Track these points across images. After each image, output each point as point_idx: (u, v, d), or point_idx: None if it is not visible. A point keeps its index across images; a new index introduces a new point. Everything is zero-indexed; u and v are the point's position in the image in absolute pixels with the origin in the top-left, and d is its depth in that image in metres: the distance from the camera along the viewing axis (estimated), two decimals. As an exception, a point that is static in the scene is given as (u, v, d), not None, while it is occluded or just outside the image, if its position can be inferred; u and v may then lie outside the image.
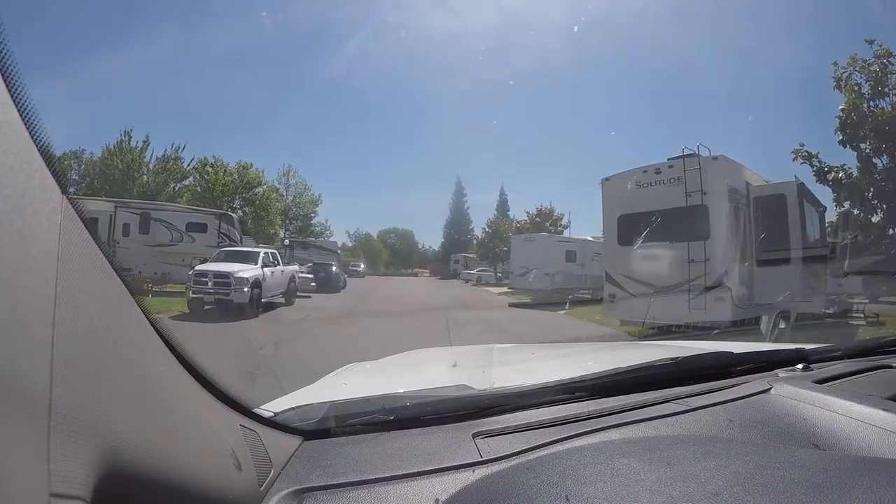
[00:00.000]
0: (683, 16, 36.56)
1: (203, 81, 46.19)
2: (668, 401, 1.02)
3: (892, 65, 9.73)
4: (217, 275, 10.13)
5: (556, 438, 0.83)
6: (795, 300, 7.45)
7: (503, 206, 48.04)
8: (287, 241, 28.77)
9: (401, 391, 1.13)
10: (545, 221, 29.53)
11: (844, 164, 10.18)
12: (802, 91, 33.07)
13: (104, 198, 17.52)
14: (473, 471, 0.73)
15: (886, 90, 9.82)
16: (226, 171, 28.18)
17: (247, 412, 0.77)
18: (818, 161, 9.82)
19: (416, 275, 48.04)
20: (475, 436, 0.85)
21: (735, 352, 1.44)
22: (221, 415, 0.70)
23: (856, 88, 9.66)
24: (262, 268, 11.09)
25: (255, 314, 10.17)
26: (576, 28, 33.71)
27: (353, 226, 65.91)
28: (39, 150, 0.41)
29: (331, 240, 33.88)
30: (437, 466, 0.74)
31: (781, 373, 1.25)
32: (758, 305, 7.40)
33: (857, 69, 9.79)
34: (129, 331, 0.52)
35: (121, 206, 15.50)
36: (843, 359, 1.45)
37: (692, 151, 7.90)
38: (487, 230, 37.15)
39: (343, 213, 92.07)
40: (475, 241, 44.67)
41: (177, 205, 19.41)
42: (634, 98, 57.40)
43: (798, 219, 8.03)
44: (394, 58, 56.59)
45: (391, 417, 0.91)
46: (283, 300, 12.54)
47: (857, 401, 0.91)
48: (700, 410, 0.97)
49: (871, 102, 9.69)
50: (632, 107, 56.74)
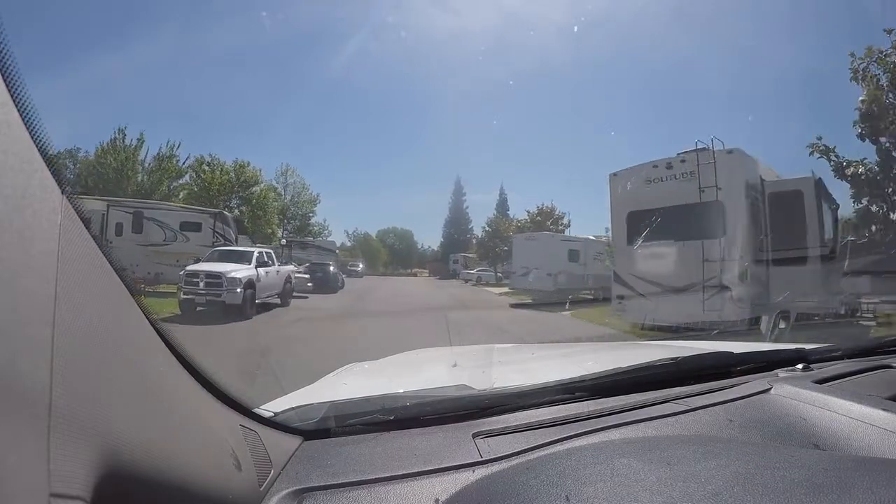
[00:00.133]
0: (683, 16, 36.57)
1: (203, 81, 46.22)
2: (668, 401, 1.01)
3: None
4: (209, 275, 9.78)
5: (556, 438, 0.82)
6: (810, 300, 7.21)
7: (503, 206, 47.77)
8: (284, 241, 28.53)
9: (401, 391, 1.12)
10: (546, 220, 29.15)
11: (864, 159, 9.79)
12: (802, 91, 33.05)
13: (97, 196, 17.14)
14: (473, 471, 0.73)
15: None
16: (222, 170, 27.89)
17: (247, 412, 0.77)
18: (836, 156, 9.43)
19: (416, 275, 47.97)
20: (475, 436, 0.85)
21: (735, 352, 1.44)
22: (221, 415, 0.70)
23: (875, 80, 9.27)
24: (256, 268, 10.75)
25: (249, 316, 9.83)
26: (576, 28, 33.77)
27: (352, 225, 65.91)
28: (39, 150, 0.41)
29: (329, 239, 33.74)
30: (437, 466, 0.74)
31: (781, 373, 1.24)
32: (774, 306, 7.12)
33: (875, 60, 9.41)
34: (129, 331, 0.53)
35: (113, 205, 15.16)
36: (843, 359, 1.44)
37: (705, 145, 7.56)
38: (487, 229, 36.82)
39: (342, 213, 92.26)
40: (475, 241, 44.44)
41: (170, 203, 19.05)
42: (634, 98, 57.51)
43: (815, 215, 7.71)
44: (394, 58, 56.71)
45: (391, 417, 0.91)
46: (279, 301, 12.20)
47: (857, 401, 0.91)
48: (700, 410, 0.97)
49: (892, 94, 9.28)
50: (632, 107, 56.80)
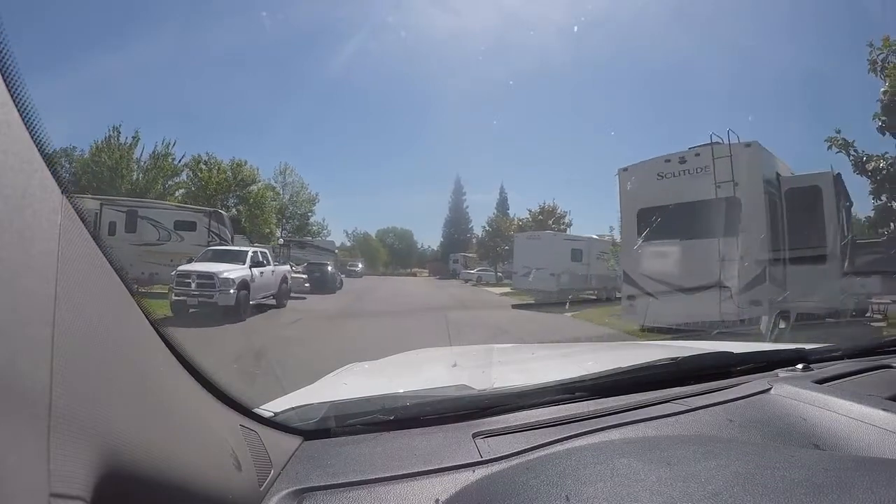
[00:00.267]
0: (683, 16, 36.47)
1: (203, 81, 46.48)
2: (668, 401, 1.01)
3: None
4: (201, 275, 9.43)
5: (556, 438, 0.82)
6: (827, 300, 6.88)
7: (503, 205, 47.57)
8: (282, 241, 28.18)
9: (401, 391, 1.11)
10: (548, 219, 28.81)
11: (886, 153, 9.36)
12: (802, 91, 32.75)
13: (90, 195, 16.75)
14: (473, 471, 0.73)
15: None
16: (219, 169, 27.52)
17: (247, 412, 0.77)
18: (855, 150, 9.03)
19: (415, 275, 47.75)
20: (475, 436, 0.85)
21: (735, 352, 1.43)
22: (221, 415, 0.70)
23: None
24: (251, 268, 10.42)
25: (243, 318, 9.48)
26: (576, 28, 33.68)
27: (352, 225, 65.78)
28: (39, 150, 0.41)
29: (328, 239, 33.44)
30: (437, 466, 0.74)
31: (781, 373, 1.24)
32: (792, 306, 6.78)
33: (894, 51, 9.05)
34: (129, 331, 0.53)
35: (107, 204, 14.68)
36: (843, 359, 1.44)
37: (719, 139, 7.19)
38: (488, 229, 36.46)
39: (342, 213, 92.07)
40: (475, 241, 44.09)
41: (165, 202, 18.54)
42: (634, 98, 57.47)
43: (834, 212, 7.38)
44: (394, 58, 56.77)
45: (391, 417, 0.90)
46: (275, 302, 11.89)
47: (857, 401, 0.90)
48: (700, 410, 0.96)
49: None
50: (632, 107, 56.78)
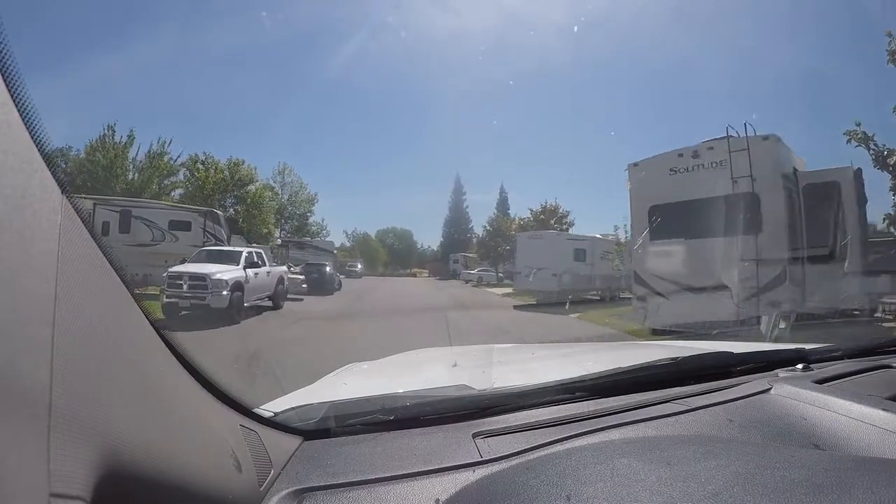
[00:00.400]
0: (683, 16, 36.30)
1: (203, 81, 46.10)
2: (668, 401, 1.01)
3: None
4: (192, 277, 9.11)
5: (556, 438, 0.82)
6: (845, 301, 6.53)
7: (503, 205, 47.25)
8: (279, 241, 27.84)
9: (401, 391, 1.11)
10: (550, 219, 28.44)
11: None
12: (802, 91, 32.48)
13: (83, 195, 16.40)
14: (473, 471, 0.73)
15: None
16: (216, 168, 27.16)
17: (247, 412, 0.77)
18: (875, 144, 8.66)
19: (415, 275, 47.51)
20: (475, 436, 0.85)
21: (735, 352, 1.43)
22: (221, 415, 0.69)
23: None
24: (245, 269, 10.08)
25: (237, 320, 9.16)
26: (576, 28, 33.53)
27: (351, 226, 65.55)
28: (39, 150, 0.41)
29: (327, 240, 33.13)
30: (437, 466, 0.74)
31: (781, 373, 1.23)
32: (812, 307, 6.45)
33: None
34: (129, 331, 0.52)
35: (100, 204, 14.36)
36: (843, 359, 1.43)
37: (734, 132, 6.85)
38: (488, 229, 36.10)
39: (341, 213, 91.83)
40: (475, 240, 43.73)
41: (159, 202, 18.35)
42: (634, 98, 57.28)
43: (854, 210, 7.03)
44: (394, 58, 56.57)
45: (391, 417, 0.90)
46: (271, 304, 11.57)
47: (857, 401, 0.90)
48: (700, 410, 0.96)
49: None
50: (632, 107, 56.56)
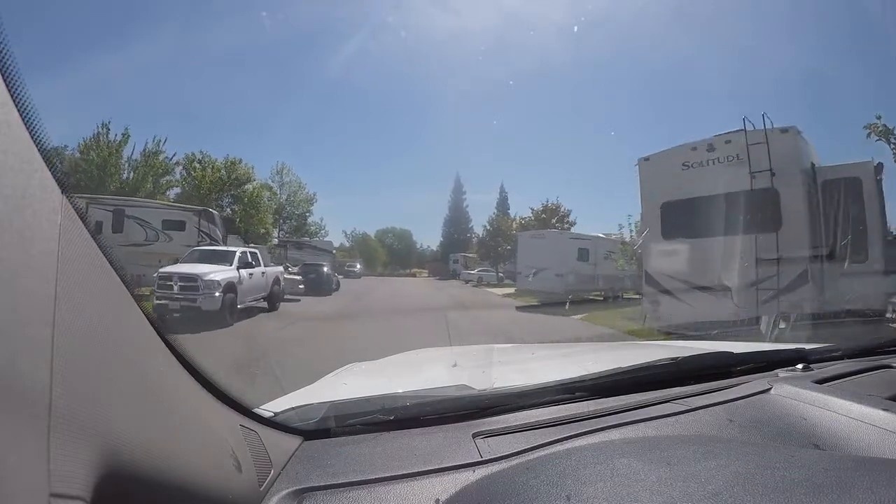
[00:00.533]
0: (683, 16, 36.14)
1: (203, 81, 45.99)
2: (668, 401, 1.01)
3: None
4: (183, 277, 8.74)
5: (556, 438, 0.82)
6: (865, 300, 6.20)
7: (503, 205, 47.03)
8: (277, 241, 27.48)
9: (401, 391, 1.10)
10: (551, 218, 28.09)
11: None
12: (802, 91, 32.23)
13: (76, 194, 15.98)
14: (473, 471, 0.73)
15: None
16: (213, 168, 26.79)
17: (247, 412, 0.77)
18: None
19: (415, 275, 47.26)
20: (475, 436, 0.85)
21: (735, 352, 1.42)
22: (221, 415, 0.69)
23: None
24: (238, 269, 9.72)
25: (229, 323, 8.80)
26: (576, 28, 33.41)
27: (351, 225, 65.41)
28: (39, 150, 0.41)
29: (326, 240, 32.80)
30: (437, 466, 0.73)
31: (781, 373, 1.23)
32: (832, 309, 6.10)
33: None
34: (129, 331, 0.52)
35: (92, 203, 13.96)
36: (843, 359, 1.43)
37: (751, 125, 6.51)
38: (489, 228, 35.74)
39: (341, 213, 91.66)
40: (475, 240, 43.38)
41: (152, 201, 17.95)
42: (634, 98, 57.05)
43: (876, 206, 6.68)
44: (394, 58, 56.43)
45: (391, 417, 0.90)
46: (266, 305, 11.21)
47: (857, 401, 0.90)
48: (700, 410, 0.96)
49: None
50: (632, 107, 56.40)
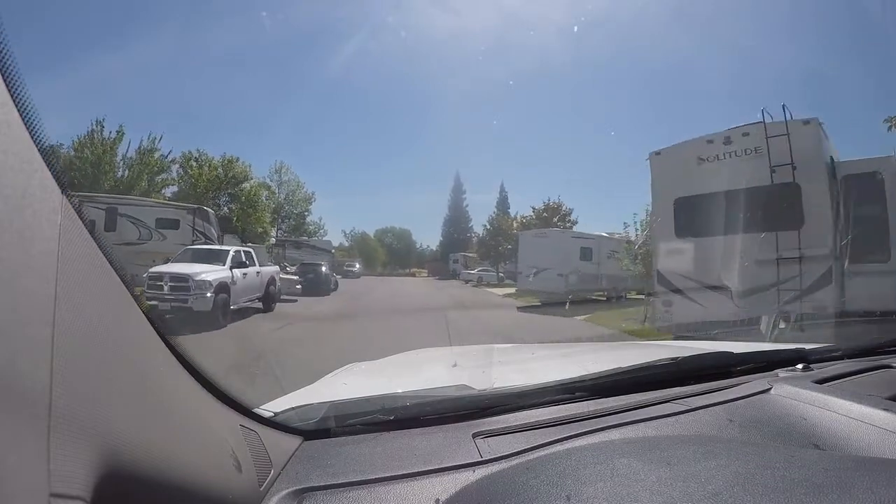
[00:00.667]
0: (683, 16, 36.05)
1: (203, 81, 46.13)
2: (668, 401, 1.01)
3: None
4: (174, 277, 8.51)
5: (556, 438, 0.82)
6: (882, 301, 5.88)
7: (503, 204, 46.81)
8: (274, 240, 27.14)
9: (401, 391, 1.10)
10: (553, 217, 27.77)
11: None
12: (802, 91, 32.03)
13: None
14: (473, 471, 0.72)
15: None
16: (210, 166, 26.44)
17: (247, 412, 0.77)
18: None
19: (414, 275, 47.04)
20: (475, 436, 0.84)
21: (735, 352, 1.42)
22: (221, 415, 0.69)
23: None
24: (231, 269, 9.43)
25: (222, 324, 8.53)
26: (576, 28, 33.35)
27: (350, 225, 65.12)
28: (39, 150, 0.40)
29: (325, 239, 32.47)
30: (437, 466, 0.73)
31: (781, 373, 1.23)
32: (854, 309, 5.80)
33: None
34: (129, 331, 0.52)
35: (85, 201, 13.64)
36: (843, 359, 1.43)
37: (770, 117, 6.19)
38: (489, 228, 35.42)
39: (340, 213, 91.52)
40: (475, 240, 43.06)
41: (146, 199, 17.70)
42: (634, 98, 56.96)
43: (897, 203, 6.33)
44: (394, 58, 56.49)
45: (391, 417, 0.90)
46: (261, 306, 10.94)
47: (857, 401, 0.90)
48: (700, 410, 0.96)
49: None
50: (632, 107, 56.35)
